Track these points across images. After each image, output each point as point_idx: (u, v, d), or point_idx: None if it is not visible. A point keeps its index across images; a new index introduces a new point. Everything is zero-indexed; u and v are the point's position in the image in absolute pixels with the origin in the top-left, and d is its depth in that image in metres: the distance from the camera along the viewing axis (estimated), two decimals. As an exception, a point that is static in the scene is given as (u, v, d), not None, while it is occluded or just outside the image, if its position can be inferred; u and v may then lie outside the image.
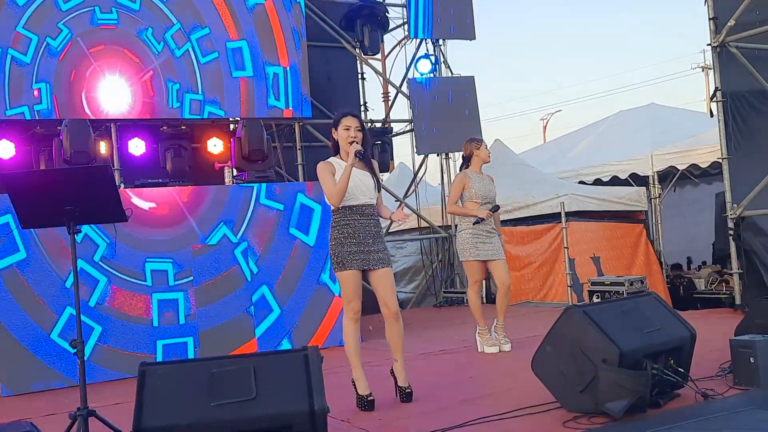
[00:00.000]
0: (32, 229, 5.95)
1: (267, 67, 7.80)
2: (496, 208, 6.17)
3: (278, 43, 7.87)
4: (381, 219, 4.66)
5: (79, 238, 6.02)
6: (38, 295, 6.02)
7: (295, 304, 6.98)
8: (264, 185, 7.03)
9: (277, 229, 6.99)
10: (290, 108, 7.96)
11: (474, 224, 6.11)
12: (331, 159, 4.57)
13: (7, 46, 6.66)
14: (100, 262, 6.28)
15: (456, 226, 10.57)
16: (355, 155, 4.39)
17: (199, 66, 7.48)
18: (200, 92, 7.48)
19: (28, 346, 5.96)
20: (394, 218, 4.52)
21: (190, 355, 6.45)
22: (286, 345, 6.89)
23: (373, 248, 4.47)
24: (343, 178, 4.38)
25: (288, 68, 7.90)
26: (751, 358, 4.24)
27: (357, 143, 4.43)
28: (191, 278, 6.59)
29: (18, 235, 5.98)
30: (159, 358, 6.30)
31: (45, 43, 6.83)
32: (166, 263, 6.53)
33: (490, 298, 8.60)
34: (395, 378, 4.64)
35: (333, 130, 4.59)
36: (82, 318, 6.00)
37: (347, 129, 4.50)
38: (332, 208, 4.54)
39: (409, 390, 4.59)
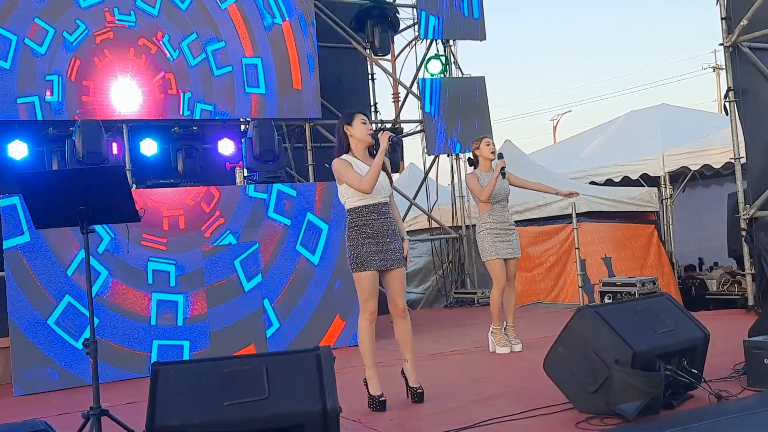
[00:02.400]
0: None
1: (280, 87, 7.81)
2: (500, 156, 6.17)
3: (293, 64, 7.89)
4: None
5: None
6: (39, 280, 6.07)
7: (294, 321, 6.98)
8: (274, 195, 7.06)
9: (283, 243, 7.01)
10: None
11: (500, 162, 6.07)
12: (345, 156, 4.56)
13: (23, 36, 6.70)
14: (103, 255, 6.31)
15: (467, 226, 10.61)
16: (389, 140, 4.40)
17: (213, 78, 7.51)
18: (212, 103, 7.50)
19: (24, 330, 6.00)
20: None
21: (186, 358, 6.41)
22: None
23: (391, 247, 4.48)
24: (377, 163, 4.37)
25: (301, 90, 7.91)
26: (765, 360, 4.21)
27: (387, 131, 4.45)
28: (194, 281, 6.60)
29: (23, 218, 6.03)
30: (154, 358, 6.32)
31: (62, 36, 6.87)
32: (169, 264, 6.56)
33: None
34: (406, 379, 4.64)
35: (346, 126, 4.55)
36: (80, 308, 6.14)
37: (364, 123, 4.53)
38: (347, 207, 4.53)
39: (420, 390, 4.58)
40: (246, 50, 7.65)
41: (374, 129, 4.57)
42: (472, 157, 6.41)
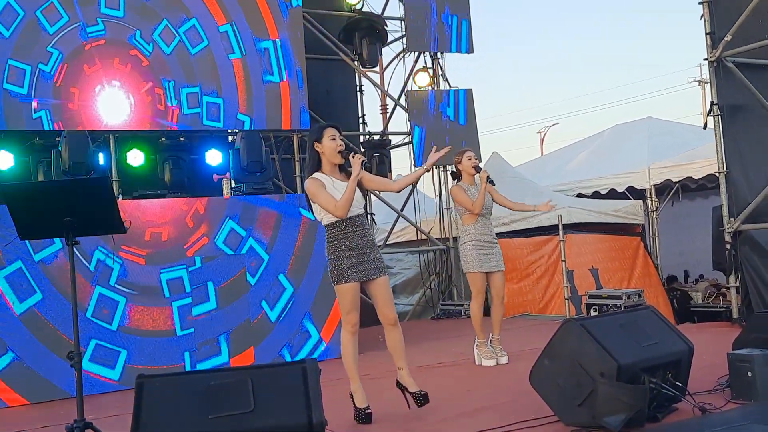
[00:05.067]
0: (45, 270, 6.09)
1: (258, 43, 7.73)
2: (478, 169, 6.23)
3: (265, 16, 7.78)
4: (376, 231, 4.70)
5: (92, 266, 6.20)
6: (61, 331, 6.04)
7: (309, 283, 7.10)
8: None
9: (282, 216, 7.09)
10: (286, 80, 7.92)
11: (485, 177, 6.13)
12: (317, 175, 4.52)
13: (2, 81, 6.60)
14: (116, 285, 6.34)
15: (454, 238, 10.62)
16: (361, 165, 4.41)
17: (191, 57, 7.46)
18: (197, 84, 7.45)
19: (58, 384, 5.98)
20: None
21: (224, 350, 6.61)
22: (308, 325, 7.04)
23: (371, 257, 4.48)
24: (350, 188, 4.38)
25: (279, 40, 7.85)
26: (749, 372, 4.24)
27: (360, 154, 4.48)
28: (208, 281, 6.70)
29: (31, 277, 6.03)
30: (188, 367, 6.39)
31: (38, 69, 6.80)
32: (180, 269, 6.58)
33: (486, 310, 8.59)
34: (404, 388, 4.58)
35: (315, 143, 4.52)
36: (108, 345, 6.19)
37: (333, 139, 4.51)
38: (325, 224, 4.52)
39: (424, 392, 4.51)
40: (218, 19, 7.56)
41: (344, 147, 4.54)
42: (455, 170, 6.42)
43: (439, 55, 10.59)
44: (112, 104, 7.16)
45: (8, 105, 6.64)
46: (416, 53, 10.52)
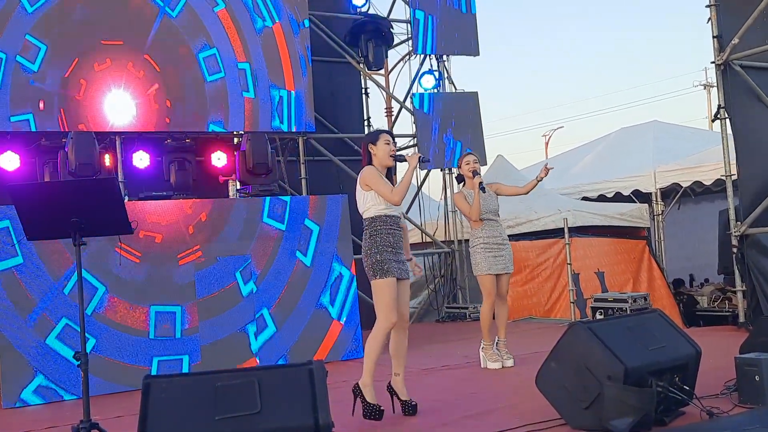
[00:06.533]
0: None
1: (272, 89, 7.83)
2: (474, 173, 6.15)
3: (284, 66, 7.93)
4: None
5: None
6: (35, 301, 6.01)
7: (293, 326, 6.95)
8: (268, 201, 7.03)
9: (279, 249, 6.98)
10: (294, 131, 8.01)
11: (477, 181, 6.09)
12: (372, 167, 4.65)
13: (15, 53, 6.69)
14: (100, 271, 6.26)
15: (459, 241, 10.62)
16: (419, 160, 4.60)
17: (205, 84, 7.50)
18: (205, 111, 7.49)
19: (23, 352, 5.93)
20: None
21: (185, 371, 6.38)
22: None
23: (402, 258, 4.63)
24: (407, 178, 4.54)
25: (293, 92, 7.92)
26: (757, 377, 4.22)
27: (417, 153, 4.70)
28: (190, 293, 6.58)
29: (16, 239, 5.97)
30: (154, 372, 6.28)
31: (53, 52, 6.85)
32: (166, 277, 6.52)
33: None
34: (394, 393, 4.65)
35: (370, 144, 4.67)
36: (78, 328, 6.05)
37: (388, 143, 4.66)
38: (371, 215, 4.57)
39: (414, 402, 4.61)
40: (238, 55, 7.66)
41: (396, 152, 4.72)
42: (459, 174, 6.43)
43: (444, 57, 10.58)
44: (120, 106, 7.20)
45: (16, 77, 6.68)
46: (422, 55, 10.51)
